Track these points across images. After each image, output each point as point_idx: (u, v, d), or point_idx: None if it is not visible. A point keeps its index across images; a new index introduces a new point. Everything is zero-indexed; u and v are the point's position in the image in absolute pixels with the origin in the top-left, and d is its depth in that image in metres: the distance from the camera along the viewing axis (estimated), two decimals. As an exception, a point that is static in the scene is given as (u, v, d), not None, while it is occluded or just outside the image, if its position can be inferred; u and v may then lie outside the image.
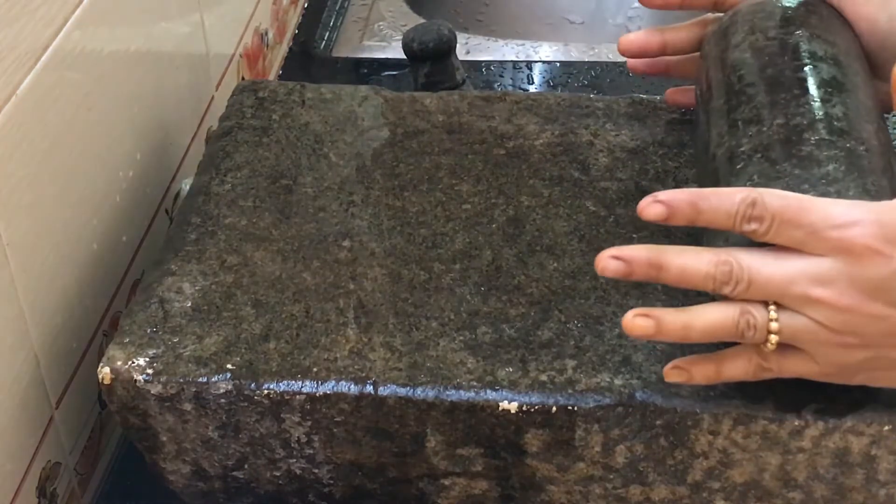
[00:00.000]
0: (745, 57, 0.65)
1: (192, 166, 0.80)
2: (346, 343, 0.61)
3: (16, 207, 0.62)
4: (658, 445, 0.59)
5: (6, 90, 0.60)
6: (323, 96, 0.80)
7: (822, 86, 0.62)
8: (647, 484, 0.61)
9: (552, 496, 0.62)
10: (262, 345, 0.61)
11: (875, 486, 0.59)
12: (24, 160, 0.62)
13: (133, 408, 0.61)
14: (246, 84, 0.81)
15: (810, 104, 0.60)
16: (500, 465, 0.61)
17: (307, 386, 0.59)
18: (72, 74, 0.67)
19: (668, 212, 0.53)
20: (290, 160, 0.74)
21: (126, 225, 0.77)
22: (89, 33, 0.69)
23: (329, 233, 0.68)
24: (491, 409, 0.59)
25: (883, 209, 0.52)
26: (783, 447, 0.58)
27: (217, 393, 0.60)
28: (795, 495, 0.60)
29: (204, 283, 0.65)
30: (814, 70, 0.63)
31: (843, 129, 0.59)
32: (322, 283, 0.65)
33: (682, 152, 0.74)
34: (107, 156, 0.74)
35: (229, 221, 0.69)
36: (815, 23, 0.66)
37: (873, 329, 0.52)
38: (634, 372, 0.59)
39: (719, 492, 0.61)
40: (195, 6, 0.89)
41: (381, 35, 1.22)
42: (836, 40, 0.66)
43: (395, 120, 0.78)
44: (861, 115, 0.61)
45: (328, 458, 0.62)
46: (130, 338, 0.62)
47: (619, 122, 0.77)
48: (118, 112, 0.75)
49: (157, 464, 0.64)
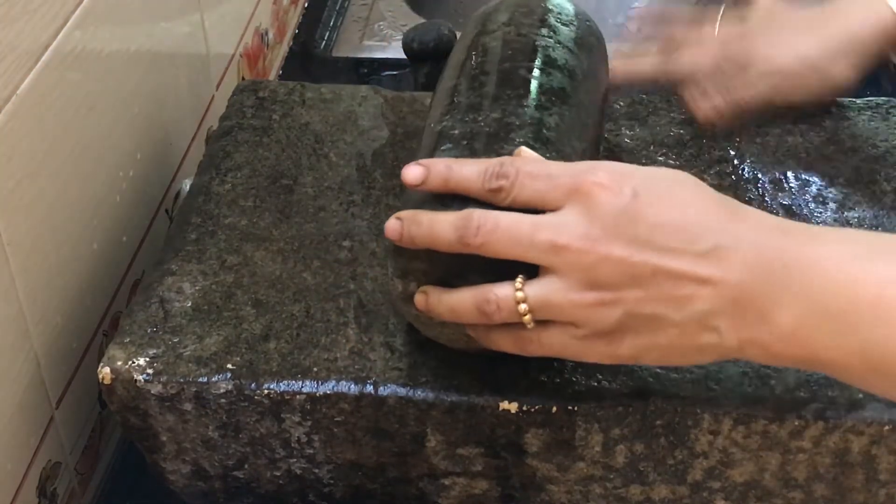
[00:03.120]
0: (491, 45, 0.66)
1: (192, 166, 0.80)
2: (347, 343, 0.61)
3: (16, 207, 0.62)
4: (658, 445, 0.59)
5: (6, 90, 0.60)
6: (323, 96, 0.80)
7: (546, 93, 0.62)
8: (647, 483, 0.61)
9: (552, 496, 0.62)
10: (262, 345, 0.61)
11: (875, 486, 0.60)
12: (24, 160, 0.62)
13: (133, 408, 0.61)
14: (246, 84, 0.81)
15: (529, 107, 0.61)
16: (501, 465, 0.61)
17: (307, 386, 0.59)
18: (72, 74, 0.67)
19: (425, 173, 0.54)
20: (291, 160, 0.74)
21: (126, 225, 0.77)
22: (89, 33, 0.69)
23: (329, 233, 0.68)
24: (491, 408, 0.59)
25: (602, 161, 0.53)
26: (783, 447, 0.58)
27: (217, 393, 0.60)
28: (795, 495, 0.60)
29: (204, 282, 0.65)
30: (545, 76, 0.63)
31: (549, 138, 0.59)
32: (322, 283, 0.65)
33: (682, 152, 0.74)
34: (107, 156, 0.74)
35: (229, 221, 0.69)
36: (568, 33, 0.67)
37: (616, 274, 0.50)
38: (634, 372, 0.59)
39: (719, 491, 0.61)
40: (195, 6, 0.89)
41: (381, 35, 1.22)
42: (583, 55, 0.67)
43: (395, 120, 0.78)
44: (574, 130, 0.62)
45: (328, 457, 0.62)
46: (131, 337, 0.62)
47: (619, 122, 0.77)
48: (118, 112, 0.75)
49: (157, 464, 0.64)
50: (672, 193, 0.51)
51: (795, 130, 0.76)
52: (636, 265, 0.50)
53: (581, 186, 0.51)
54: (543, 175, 0.52)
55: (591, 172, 0.52)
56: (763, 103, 0.73)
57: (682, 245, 0.50)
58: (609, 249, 0.50)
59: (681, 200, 0.51)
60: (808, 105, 0.74)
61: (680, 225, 0.50)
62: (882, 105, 0.78)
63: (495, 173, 0.53)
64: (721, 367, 0.59)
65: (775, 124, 0.76)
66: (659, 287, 0.50)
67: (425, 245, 0.54)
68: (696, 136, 0.76)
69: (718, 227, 0.50)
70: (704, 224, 0.50)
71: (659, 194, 0.51)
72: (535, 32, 0.66)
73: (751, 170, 0.73)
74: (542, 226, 0.51)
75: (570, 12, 0.69)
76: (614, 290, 0.50)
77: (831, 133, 0.76)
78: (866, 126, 0.76)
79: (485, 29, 0.68)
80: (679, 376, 0.59)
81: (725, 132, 0.75)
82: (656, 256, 0.50)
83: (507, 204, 0.53)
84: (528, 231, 0.51)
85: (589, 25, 0.70)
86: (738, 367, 0.59)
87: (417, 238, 0.54)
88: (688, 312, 0.50)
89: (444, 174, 0.54)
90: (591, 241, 0.50)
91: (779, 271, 0.49)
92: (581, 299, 0.51)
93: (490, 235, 0.52)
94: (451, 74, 0.66)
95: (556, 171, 0.53)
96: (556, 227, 0.51)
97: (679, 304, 0.50)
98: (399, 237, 0.55)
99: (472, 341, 0.58)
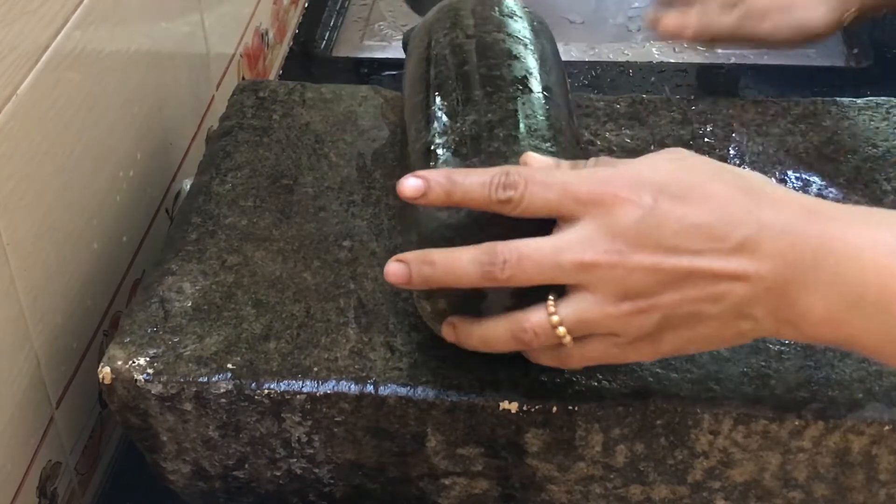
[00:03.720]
0: (444, 53, 0.66)
1: (192, 166, 0.80)
2: (347, 343, 0.61)
3: (16, 207, 0.62)
4: (658, 445, 0.59)
5: (6, 90, 0.60)
6: (323, 96, 0.80)
7: (514, 83, 0.62)
8: (647, 483, 0.61)
9: (553, 496, 0.62)
10: (262, 344, 0.61)
11: (875, 486, 0.60)
12: (24, 160, 0.62)
13: (133, 407, 0.61)
14: (246, 84, 0.81)
15: (501, 102, 0.61)
16: (501, 465, 0.61)
17: (307, 385, 0.59)
18: (72, 74, 0.67)
19: (425, 186, 0.53)
20: (291, 160, 0.74)
21: (126, 225, 0.77)
22: (89, 33, 0.69)
23: (329, 232, 0.68)
24: (491, 408, 0.59)
25: (621, 167, 0.52)
26: (783, 447, 0.58)
27: (217, 392, 0.60)
28: (796, 495, 0.60)
29: (204, 282, 0.65)
30: (507, 68, 0.64)
31: (530, 126, 0.60)
32: (322, 283, 0.65)
33: (682, 152, 0.74)
34: (107, 156, 0.74)
35: (230, 221, 0.69)
36: (515, 24, 0.68)
37: (649, 282, 0.50)
38: (634, 372, 0.59)
39: (720, 491, 0.61)
40: (195, 6, 0.89)
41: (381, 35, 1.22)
42: (536, 43, 0.68)
43: (395, 120, 0.78)
44: (550, 115, 0.62)
45: (328, 457, 0.62)
46: (131, 337, 0.62)
47: (619, 122, 0.77)
48: (118, 112, 0.75)
49: (157, 463, 0.64)
50: (692, 191, 0.51)
51: (795, 130, 0.76)
52: (667, 271, 0.50)
53: (601, 199, 0.50)
54: (557, 185, 0.51)
55: (609, 183, 0.51)
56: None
57: (710, 244, 0.50)
58: (638, 259, 0.50)
59: (701, 197, 0.50)
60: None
61: (705, 224, 0.50)
62: (882, 105, 0.78)
63: (502, 183, 0.52)
64: (721, 367, 0.59)
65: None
66: (694, 287, 0.50)
67: (444, 285, 0.53)
68: (697, 136, 0.76)
69: (744, 218, 0.50)
70: (729, 218, 0.50)
71: (679, 195, 0.50)
72: (484, 30, 0.67)
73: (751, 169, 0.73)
74: (565, 247, 0.51)
75: (510, 4, 0.70)
76: (649, 297, 0.50)
77: (831, 133, 0.76)
78: (866, 126, 0.76)
79: (431, 40, 0.68)
80: (679, 376, 0.59)
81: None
82: (686, 259, 0.50)
83: (516, 214, 0.52)
84: (553, 255, 0.51)
85: (529, 12, 0.71)
86: (738, 367, 0.59)
87: (433, 279, 0.53)
88: (724, 306, 0.50)
89: (445, 186, 0.53)
90: (618, 253, 0.50)
91: (808, 259, 0.49)
92: (617, 311, 0.51)
93: (515, 268, 0.51)
94: (415, 90, 0.67)
95: (568, 179, 0.52)
96: (580, 244, 0.51)
97: (715, 300, 0.50)
98: (407, 281, 0.54)
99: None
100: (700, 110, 0.78)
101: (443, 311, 0.57)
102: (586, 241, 0.50)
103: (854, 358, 0.60)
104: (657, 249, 0.50)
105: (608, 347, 0.53)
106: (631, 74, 1.10)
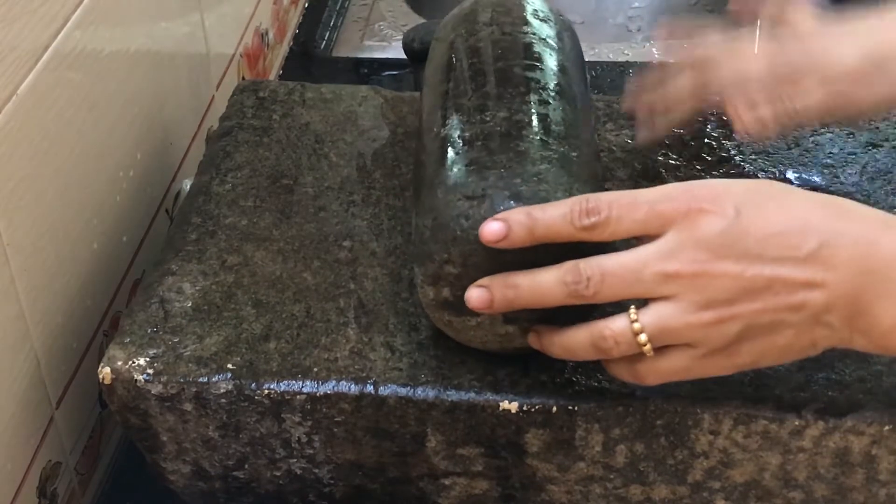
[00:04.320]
0: (480, 47, 0.66)
1: (192, 166, 0.80)
2: (347, 343, 0.61)
3: (16, 207, 0.62)
4: (658, 445, 0.59)
5: (6, 90, 0.60)
6: (323, 96, 0.80)
7: (545, 88, 0.63)
8: (647, 484, 0.61)
9: (553, 496, 0.62)
10: (262, 344, 0.61)
11: (875, 486, 0.59)
12: (24, 160, 0.62)
13: (133, 408, 0.61)
14: (246, 84, 0.81)
15: (532, 103, 0.62)
16: (501, 465, 0.61)
17: (308, 386, 0.59)
18: (72, 74, 0.67)
19: (506, 228, 0.53)
20: (291, 160, 0.74)
21: (126, 225, 0.77)
22: (89, 33, 0.69)
23: (329, 233, 0.68)
24: (491, 408, 0.59)
25: (698, 182, 0.53)
26: (783, 447, 0.58)
27: (217, 393, 0.60)
28: (796, 495, 0.60)
29: (204, 282, 0.65)
30: (540, 72, 0.64)
31: (558, 132, 0.60)
32: (322, 283, 0.65)
33: (682, 152, 0.74)
34: (107, 156, 0.74)
35: (230, 221, 0.69)
36: (548, 30, 0.68)
37: (732, 290, 0.51)
38: (635, 372, 0.59)
39: (720, 491, 0.61)
40: (195, 6, 0.89)
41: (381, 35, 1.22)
42: (566, 49, 0.68)
43: (395, 120, 0.78)
44: (578, 123, 0.62)
45: (328, 457, 0.62)
46: (131, 338, 0.62)
47: (619, 122, 0.77)
48: (118, 112, 0.75)
49: (157, 464, 0.64)
50: (772, 202, 0.52)
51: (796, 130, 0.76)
52: (750, 279, 0.50)
53: (686, 212, 0.51)
54: (643, 204, 0.52)
55: (693, 197, 0.52)
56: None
57: (789, 252, 0.50)
58: (722, 268, 0.50)
59: (781, 207, 0.51)
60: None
61: (784, 232, 0.51)
62: (882, 105, 0.78)
63: (584, 210, 0.52)
64: (721, 367, 0.59)
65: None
66: (775, 296, 0.51)
67: (527, 307, 0.54)
68: (697, 136, 0.76)
69: (820, 225, 0.51)
70: (806, 225, 0.51)
71: (760, 205, 0.51)
72: (520, 30, 0.67)
73: (752, 170, 0.73)
74: (648, 260, 0.51)
75: (546, 8, 0.70)
76: (730, 306, 0.51)
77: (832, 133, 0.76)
78: (866, 126, 0.76)
79: (467, 30, 0.68)
80: (679, 376, 0.59)
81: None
82: (769, 268, 0.50)
83: (603, 239, 0.52)
84: (637, 269, 0.51)
85: (563, 20, 0.72)
86: (738, 367, 0.59)
87: (518, 302, 0.54)
88: (803, 315, 0.51)
89: (527, 224, 0.53)
90: (702, 262, 0.51)
91: (881, 268, 0.50)
92: (699, 320, 0.51)
93: (600, 285, 0.52)
94: (439, 78, 0.67)
95: (652, 198, 0.52)
96: (663, 256, 0.51)
97: (794, 309, 0.51)
98: (489, 305, 0.54)
99: (505, 342, 0.58)
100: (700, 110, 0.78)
101: (443, 301, 0.57)
102: (670, 252, 0.51)
103: (854, 358, 0.60)
104: (741, 258, 0.51)
105: (686, 360, 0.53)
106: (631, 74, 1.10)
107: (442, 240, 0.56)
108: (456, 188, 0.57)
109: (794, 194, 0.53)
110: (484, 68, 0.65)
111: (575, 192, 0.56)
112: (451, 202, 0.56)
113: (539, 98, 0.62)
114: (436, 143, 0.62)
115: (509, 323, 0.57)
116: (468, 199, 0.56)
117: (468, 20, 0.69)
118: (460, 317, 0.57)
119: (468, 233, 0.55)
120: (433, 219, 0.57)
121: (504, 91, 0.62)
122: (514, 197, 0.55)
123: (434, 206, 0.57)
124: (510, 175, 0.57)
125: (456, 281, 0.56)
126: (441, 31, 0.71)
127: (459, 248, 0.55)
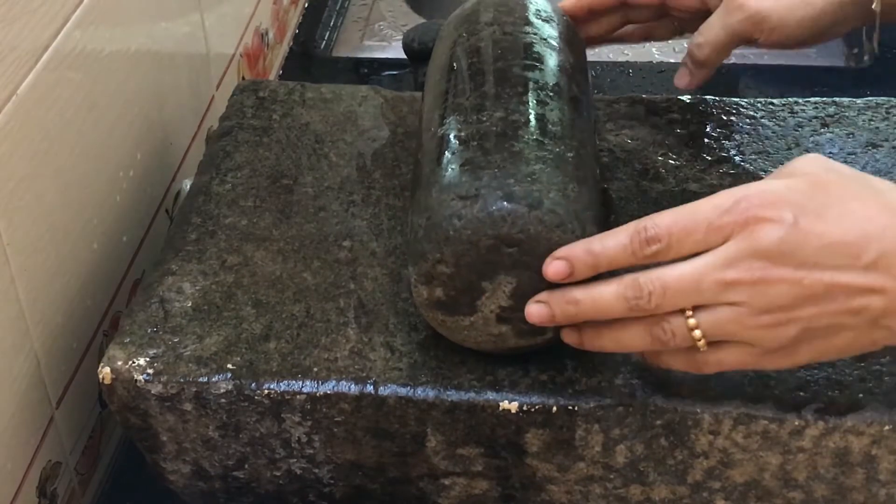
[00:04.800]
0: (480, 47, 0.66)
1: (192, 166, 0.80)
2: (347, 343, 0.61)
3: (16, 207, 0.62)
4: (658, 445, 0.59)
5: (6, 90, 0.60)
6: (323, 96, 0.80)
7: (544, 88, 0.63)
8: (647, 484, 0.61)
9: (552, 496, 0.62)
10: (262, 344, 0.61)
11: (875, 486, 0.59)
12: (24, 160, 0.62)
13: (133, 408, 0.61)
14: (246, 84, 0.81)
15: (530, 104, 0.62)
16: (501, 465, 0.61)
17: (307, 386, 0.59)
18: (72, 74, 0.67)
19: (570, 267, 0.54)
20: (291, 160, 0.74)
21: (126, 225, 0.77)
22: (89, 33, 0.69)
23: (329, 233, 0.68)
24: (491, 408, 0.59)
25: (757, 186, 0.53)
26: (783, 447, 0.58)
27: (217, 393, 0.60)
28: (796, 495, 0.60)
29: (204, 282, 0.65)
30: (539, 72, 0.64)
31: (555, 133, 0.60)
32: (322, 283, 0.65)
33: (682, 152, 0.74)
34: (107, 156, 0.74)
35: (230, 221, 0.69)
36: (551, 30, 0.68)
37: (791, 296, 0.51)
38: (634, 371, 0.59)
39: (720, 491, 0.61)
40: (195, 6, 0.89)
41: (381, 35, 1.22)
42: (568, 50, 0.68)
43: (395, 120, 0.78)
44: (577, 123, 0.62)
45: (328, 457, 0.62)
46: (131, 337, 0.62)
47: (619, 122, 0.77)
48: (118, 112, 0.75)
49: (157, 464, 0.64)
50: (831, 209, 0.52)
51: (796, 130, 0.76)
52: (808, 286, 0.51)
53: (745, 223, 0.51)
54: (701, 223, 0.52)
55: (749, 207, 0.52)
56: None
57: (848, 261, 0.51)
58: (780, 275, 0.51)
59: (840, 215, 0.51)
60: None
61: (843, 241, 0.51)
62: (882, 105, 0.78)
63: (644, 240, 0.53)
64: (721, 367, 0.59)
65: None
66: (833, 301, 0.51)
67: (589, 319, 0.55)
68: (697, 136, 0.76)
69: (880, 233, 0.51)
70: (867, 234, 0.51)
71: (819, 213, 0.51)
72: (521, 31, 0.67)
73: (752, 170, 0.73)
74: (707, 270, 0.52)
75: (549, 9, 0.70)
76: (788, 311, 0.51)
77: (832, 133, 0.76)
78: (866, 126, 0.76)
79: (468, 30, 0.68)
80: (679, 376, 0.59)
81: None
82: (828, 275, 0.51)
83: (667, 260, 0.53)
84: (696, 279, 0.52)
85: (566, 20, 0.72)
86: (738, 367, 0.59)
87: (579, 317, 0.55)
88: (862, 318, 0.52)
89: (589, 261, 0.54)
90: (761, 270, 0.51)
91: None
92: (756, 323, 0.52)
93: (662, 298, 0.52)
94: (440, 77, 0.67)
95: (709, 214, 0.52)
96: (722, 265, 0.51)
97: (854, 313, 0.51)
98: (550, 320, 0.55)
99: (499, 343, 0.58)
100: (700, 110, 0.78)
101: (436, 301, 0.57)
102: (728, 262, 0.51)
103: (854, 358, 0.60)
104: (800, 266, 0.51)
105: (743, 356, 0.54)
106: (631, 74, 1.10)
107: (435, 239, 0.56)
108: (450, 188, 0.57)
109: (854, 199, 0.52)
110: (483, 68, 0.65)
111: (569, 193, 0.56)
112: (444, 202, 0.56)
113: (537, 98, 0.62)
114: (433, 143, 0.62)
115: (503, 323, 0.57)
116: (461, 198, 0.56)
117: (470, 20, 0.69)
118: (453, 316, 0.57)
119: (461, 232, 0.55)
120: (427, 218, 0.57)
121: (502, 91, 0.62)
122: (507, 197, 0.55)
123: (428, 206, 0.57)
124: (504, 175, 0.57)
125: (448, 280, 0.56)
126: (443, 30, 0.71)
127: (452, 248, 0.55)
